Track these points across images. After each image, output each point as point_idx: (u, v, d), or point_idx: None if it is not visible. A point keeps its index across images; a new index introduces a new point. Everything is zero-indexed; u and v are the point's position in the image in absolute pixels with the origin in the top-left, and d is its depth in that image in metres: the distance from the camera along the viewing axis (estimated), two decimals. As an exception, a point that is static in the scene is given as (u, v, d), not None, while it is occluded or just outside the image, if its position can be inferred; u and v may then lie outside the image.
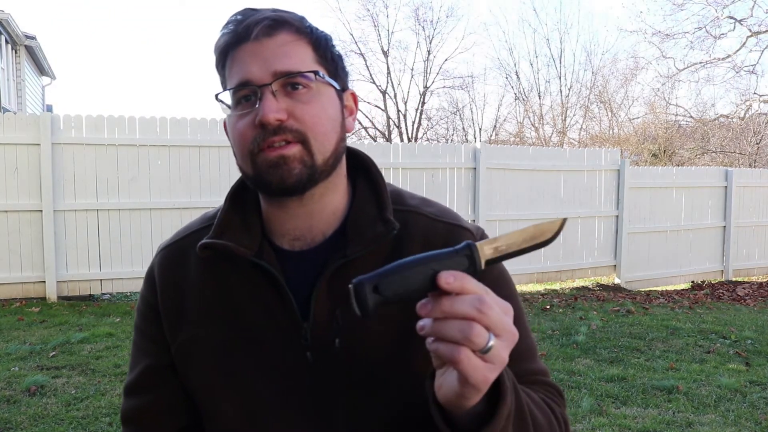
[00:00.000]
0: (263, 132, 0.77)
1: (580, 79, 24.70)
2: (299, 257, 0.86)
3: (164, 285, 0.90)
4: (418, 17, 25.05)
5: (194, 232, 0.92)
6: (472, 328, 0.57)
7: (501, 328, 0.59)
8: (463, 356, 0.58)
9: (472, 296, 0.58)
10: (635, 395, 3.86)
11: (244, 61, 0.79)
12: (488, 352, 0.58)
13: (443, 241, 0.85)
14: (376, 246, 0.83)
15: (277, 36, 0.80)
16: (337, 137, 0.83)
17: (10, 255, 6.03)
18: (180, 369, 0.88)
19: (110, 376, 3.90)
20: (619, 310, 6.47)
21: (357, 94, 0.92)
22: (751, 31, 15.26)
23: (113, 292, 6.41)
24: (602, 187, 8.31)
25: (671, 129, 18.23)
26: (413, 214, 0.89)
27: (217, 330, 0.85)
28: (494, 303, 0.59)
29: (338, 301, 0.83)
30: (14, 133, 5.99)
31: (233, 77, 0.80)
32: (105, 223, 6.28)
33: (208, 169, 6.57)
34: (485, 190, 7.52)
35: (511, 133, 24.10)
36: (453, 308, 0.58)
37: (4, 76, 12.78)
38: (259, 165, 0.79)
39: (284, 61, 0.79)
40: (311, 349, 0.82)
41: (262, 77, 0.78)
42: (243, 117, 0.79)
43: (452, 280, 0.58)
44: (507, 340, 0.60)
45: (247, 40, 0.79)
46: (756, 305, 7.52)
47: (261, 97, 0.78)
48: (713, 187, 9.08)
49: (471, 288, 0.59)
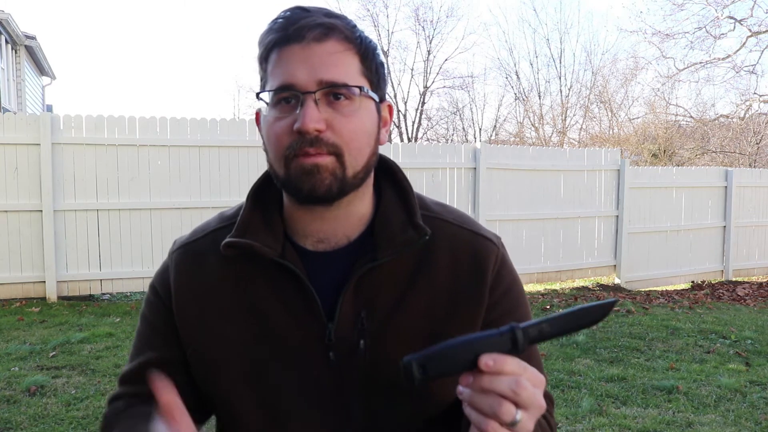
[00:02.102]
0: (300, 139, 0.77)
1: (580, 79, 24.69)
2: (322, 258, 0.86)
3: (180, 285, 0.89)
4: (418, 17, 25.06)
5: (212, 231, 0.92)
6: (501, 406, 0.64)
7: (530, 404, 0.65)
8: (489, 428, 0.64)
9: (509, 378, 0.64)
10: (635, 395, 3.86)
11: (291, 64, 0.78)
12: (515, 425, 0.65)
13: (469, 252, 0.88)
14: (406, 251, 0.84)
15: (327, 43, 0.79)
16: (371, 151, 0.83)
17: (10, 255, 6.02)
18: (198, 367, 0.88)
19: (110, 376, 3.90)
20: (619, 310, 6.47)
21: (392, 106, 0.92)
22: (751, 31, 15.26)
23: (113, 292, 6.41)
24: (602, 187, 8.31)
25: (671, 129, 18.22)
26: (439, 221, 0.90)
27: (238, 329, 0.86)
28: (528, 382, 0.65)
29: (364, 303, 0.84)
30: (14, 133, 5.99)
31: (276, 77, 0.79)
32: (105, 223, 6.28)
33: (208, 169, 6.57)
34: (485, 190, 7.52)
35: (511, 133, 24.11)
36: (490, 386, 0.65)
37: (4, 76, 12.78)
38: (291, 170, 0.79)
39: (331, 70, 0.78)
40: (334, 349, 0.83)
41: (306, 84, 0.77)
42: (281, 119, 0.79)
43: (491, 364, 0.64)
44: (534, 413, 0.66)
45: (296, 42, 0.78)
46: (756, 305, 7.52)
47: (303, 103, 0.77)
48: (713, 187, 9.08)
49: (509, 370, 0.65)
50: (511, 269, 0.92)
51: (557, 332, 0.67)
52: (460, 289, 0.86)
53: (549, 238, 7.99)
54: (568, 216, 8.06)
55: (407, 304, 0.85)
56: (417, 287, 0.85)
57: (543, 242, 7.96)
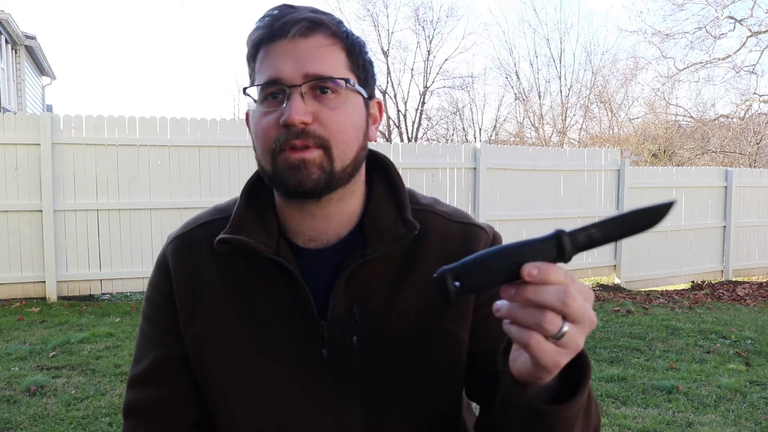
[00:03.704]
0: (287, 132, 0.77)
1: (580, 79, 24.72)
2: (314, 255, 0.86)
3: (179, 274, 0.89)
4: (418, 17, 25.08)
5: (206, 223, 0.92)
6: (545, 316, 0.58)
7: (580, 315, 0.59)
8: (533, 341, 0.59)
9: (556, 287, 0.58)
10: (635, 395, 3.86)
11: (277, 59, 0.79)
12: (561, 338, 0.59)
13: (459, 240, 0.87)
14: (395, 246, 0.84)
15: (313, 38, 0.80)
16: (359, 146, 0.83)
17: (10, 255, 6.02)
18: (193, 362, 0.88)
19: (110, 376, 3.90)
20: (619, 310, 6.47)
21: (382, 103, 0.92)
22: (751, 31, 15.27)
23: (113, 292, 6.41)
24: (602, 187, 8.31)
25: (671, 129, 18.22)
26: (429, 213, 0.90)
27: (232, 325, 0.85)
28: (577, 292, 0.59)
29: (356, 299, 0.84)
30: (14, 133, 5.99)
31: (263, 72, 0.80)
32: (105, 223, 6.28)
33: (208, 169, 6.57)
34: (485, 190, 7.52)
35: (511, 133, 24.11)
36: (536, 297, 0.58)
37: (4, 76, 12.77)
38: (278, 165, 0.79)
39: (317, 64, 0.79)
40: (328, 346, 0.83)
41: (292, 77, 0.78)
42: (268, 114, 0.79)
43: (535, 273, 0.58)
44: (584, 327, 0.60)
45: (282, 38, 0.79)
46: (756, 305, 7.52)
47: (289, 97, 0.78)
48: (713, 187, 9.08)
49: (554, 279, 0.59)
50: None
51: (608, 238, 0.60)
52: None
53: (549, 238, 7.99)
54: (568, 216, 8.06)
55: (399, 299, 0.84)
56: (408, 281, 0.85)
57: (543, 242, 7.96)
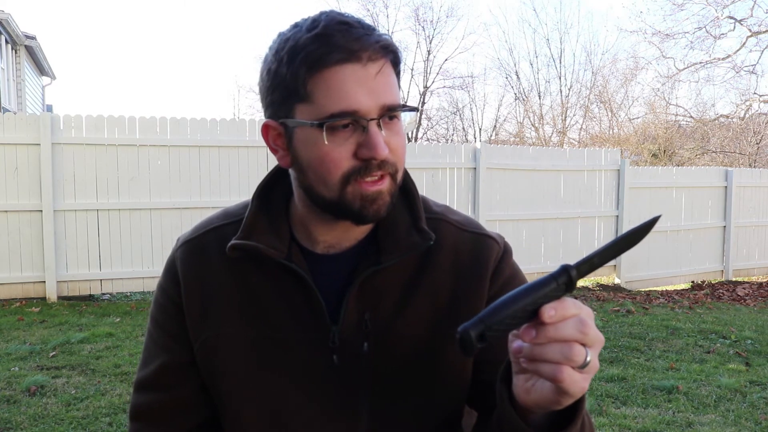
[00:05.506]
0: (364, 165, 0.76)
1: (580, 79, 24.72)
2: (326, 261, 0.86)
3: (188, 280, 0.89)
4: (418, 17, 25.08)
5: (216, 228, 0.91)
6: (572, 349, 0.59)
7: (595, 340, 0.61)
8: (565, 375, 0.60)
9: (573, 320, 0.60)
10: (635, 395, 3.86)
11: (351, 88, 0.74)
12: (586, 366, 0.61)
13: (471, 251, 0.87)
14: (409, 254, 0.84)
15: (380, 62, 0.76)
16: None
17: (10, 255, 6.02)
18: (202, 366, 0.88)
19: (110, 376, 3.90)
20: (619, 310, 6.47)
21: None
22: (751, 31, 15.27)
23: (113, 292, 6.41)
24: (602, 187, 8.31)
25: (671, 129, 18.23)
26: (442, 222, 0.89)
27: (242, 329, 0.85)
28: (589, 318, 0.61)
29: (367, 305, 0.84)
30: (14, 133, 5.99)
31: (334, 100, 0.74)
32: (105, 223, 6.28)
33: (208, 169, 6.56)
34: (485, 190, 7.52)
35: (511, 133, 24.12)
36: (558, 334, 0.60)
37: (4, 76, 12.77)
38: (348, 194, 0.77)
39: (389, 94, 0.77)
40: (338, 351, 0.83)
41: (369, 110, 0.75)
42: (338, 145, 0.75)
43: (554, 314, 0.60)
44: (598, 348, 0.62)
45: (353, 62, 0.74)
46: (756, 305, 7.52)
47: (367, 130, 0.75)
48: (713, 187, 9.08)
49: (571, 313, 0.60)
50: (513, 263, 0.91)
51: (605, 262, 0.64)
52: (462, 287, 0.86)
53: (549, 238, 7.99)
54: (568, 216, 8.06)
55: (410, 306, 0.84)
56: (420, 289, 0.85)
57: (543, 242, 7.96)
